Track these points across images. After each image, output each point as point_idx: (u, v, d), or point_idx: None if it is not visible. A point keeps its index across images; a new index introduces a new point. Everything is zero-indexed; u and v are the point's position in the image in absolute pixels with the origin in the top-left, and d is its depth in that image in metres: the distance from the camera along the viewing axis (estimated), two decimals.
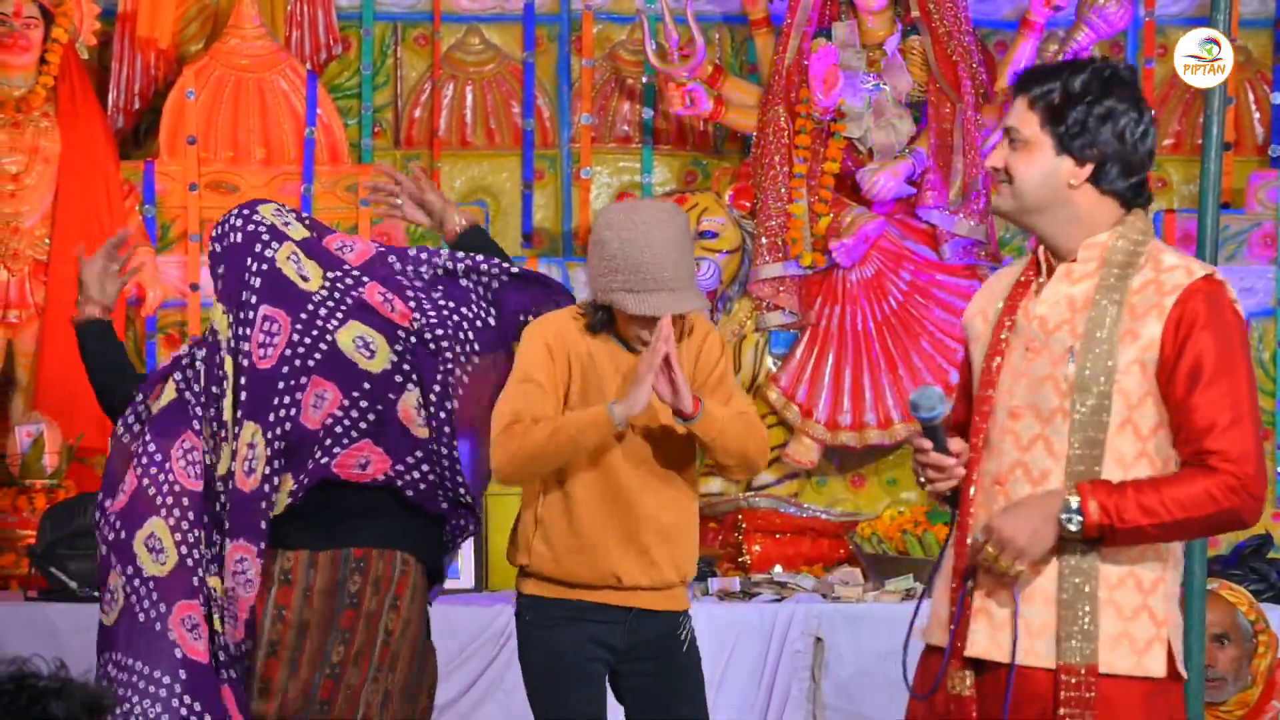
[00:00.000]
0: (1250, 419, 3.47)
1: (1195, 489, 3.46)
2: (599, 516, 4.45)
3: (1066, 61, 3.67)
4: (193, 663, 4.29)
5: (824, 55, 6.76)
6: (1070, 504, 3.48)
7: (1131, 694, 3.52)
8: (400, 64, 7.41)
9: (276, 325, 4.36)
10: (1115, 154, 3.56)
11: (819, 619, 6.10)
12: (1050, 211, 3.60)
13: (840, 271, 6.85)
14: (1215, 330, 3.49)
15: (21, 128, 6.71)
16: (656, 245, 4.36)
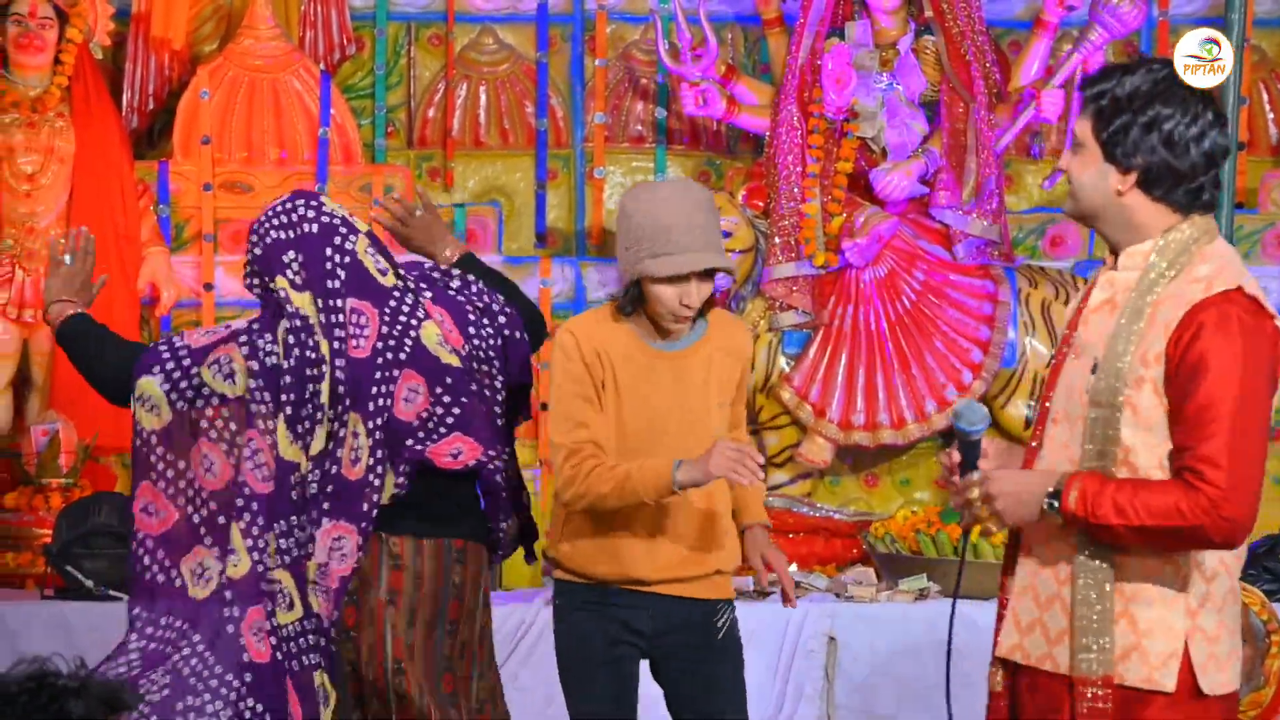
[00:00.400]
0: (1242, 440, 3.40)
1: (1167, 500, 3.42)
2: (625, 514, 4.46)
3: (1124, 64, 3.57)
4: (257, 665, 4.31)
5: (837, 55, 6.77)
6: (1055, 487, 3.49)
7: (1143, 707, 3.51)
8: (414, 64, 7.43)
9: (365, 318, 4.39)
10: (1162, 162, 3.49)
11: (832, 618, 6.10)
12: (1105, 217, 3.57)
13: (853, 271, 6.84)
14: (1217, 349, 3.42)
15: (37, 128, 6.72)
16: (678, 210, 4.40)
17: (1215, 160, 3.53)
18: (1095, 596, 3.52)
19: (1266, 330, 3.46)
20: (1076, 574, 3.54)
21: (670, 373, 4.49)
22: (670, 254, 4.36)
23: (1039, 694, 3.60)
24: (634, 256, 4.40)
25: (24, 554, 6.34)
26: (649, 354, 4.49)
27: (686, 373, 4.50)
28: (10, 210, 6.66)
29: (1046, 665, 3.57)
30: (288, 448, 4.35)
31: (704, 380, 4.51)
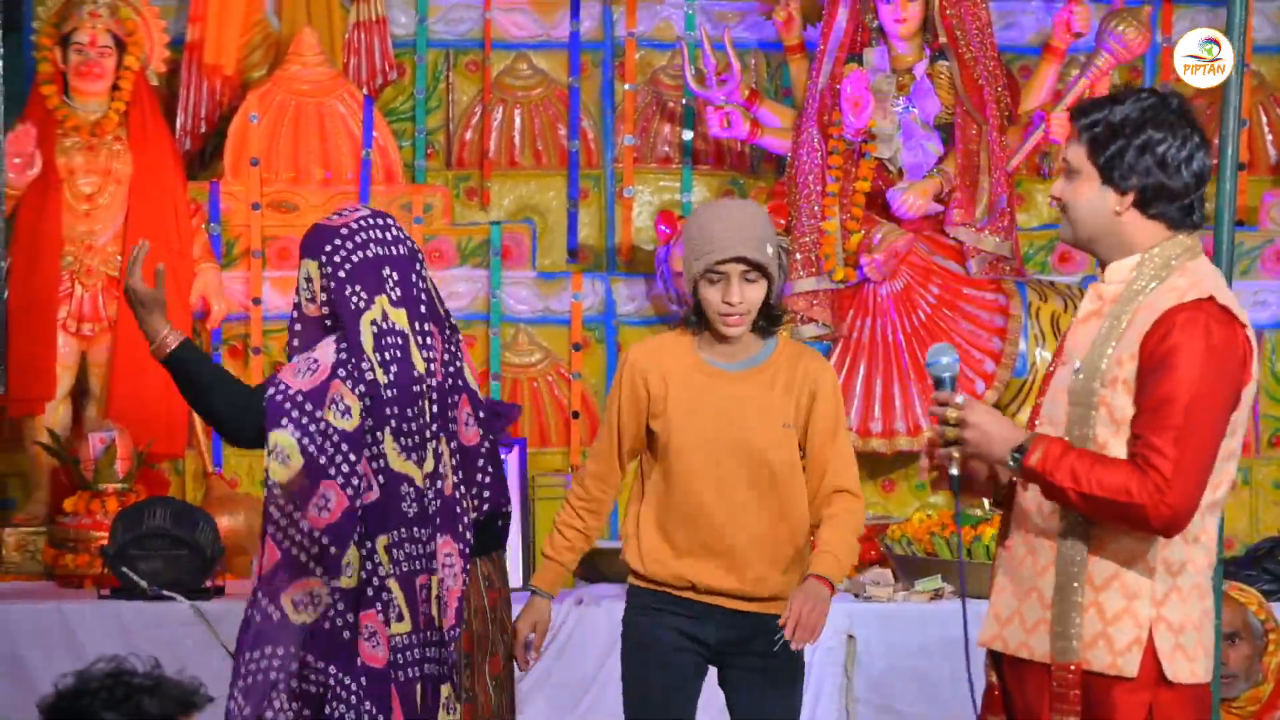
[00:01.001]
0: (1193, 435, 3.46)
1: (1118, 477, 3.48)
2: (685, 530, 4.53)
3: (1114, 94, 3.66)
4: (371, 669, 4.30)
5: (855, 80, 6.81)
6: (1022, 442, 3.55)
7: (1108, 691, 3.58)
8: (452, 89, 7.44)
9: (435, 342, 4.41)
10: (1156, 182, 3.57)
11: (851, 617, 6.14)
12: (1102, 238, 3.64)
13: (871, 286, 6.87)
14: (1182, 348, 3.49)
15: (95, 150, 6.75)
16: (722, 215, 4.50)
17: (1203, 180, 3.63)
18: (1069, 588, 3.58)
19: (1234, 337, 3.53)
20: (1052, 567, 3.61)
21: (727, 392, 4.51)
22: (709, 252, 4.44)
23: (1025, 683, 3.68)
24: (687, 266, 4.51)
25: (82, 556, 6.38)
26: (707, 372, 4.53)
27: (744, 393, 4.51)
28: (70, 229, 6.68)
29: (1024, 654, 3.65)
30: (396, 459, 4.31)
31: (762, 403, 4.51)
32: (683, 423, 4.52)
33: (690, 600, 4.57)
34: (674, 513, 4.56)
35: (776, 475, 4.51)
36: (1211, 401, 3.51)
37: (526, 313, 7.17)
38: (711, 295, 4.47)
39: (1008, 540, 3.75)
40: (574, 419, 7.11)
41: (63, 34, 6.82)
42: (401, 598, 4.33)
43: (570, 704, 6.14)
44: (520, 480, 6.57)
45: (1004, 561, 3.74)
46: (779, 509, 4.52)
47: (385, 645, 4.31)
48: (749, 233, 4.46)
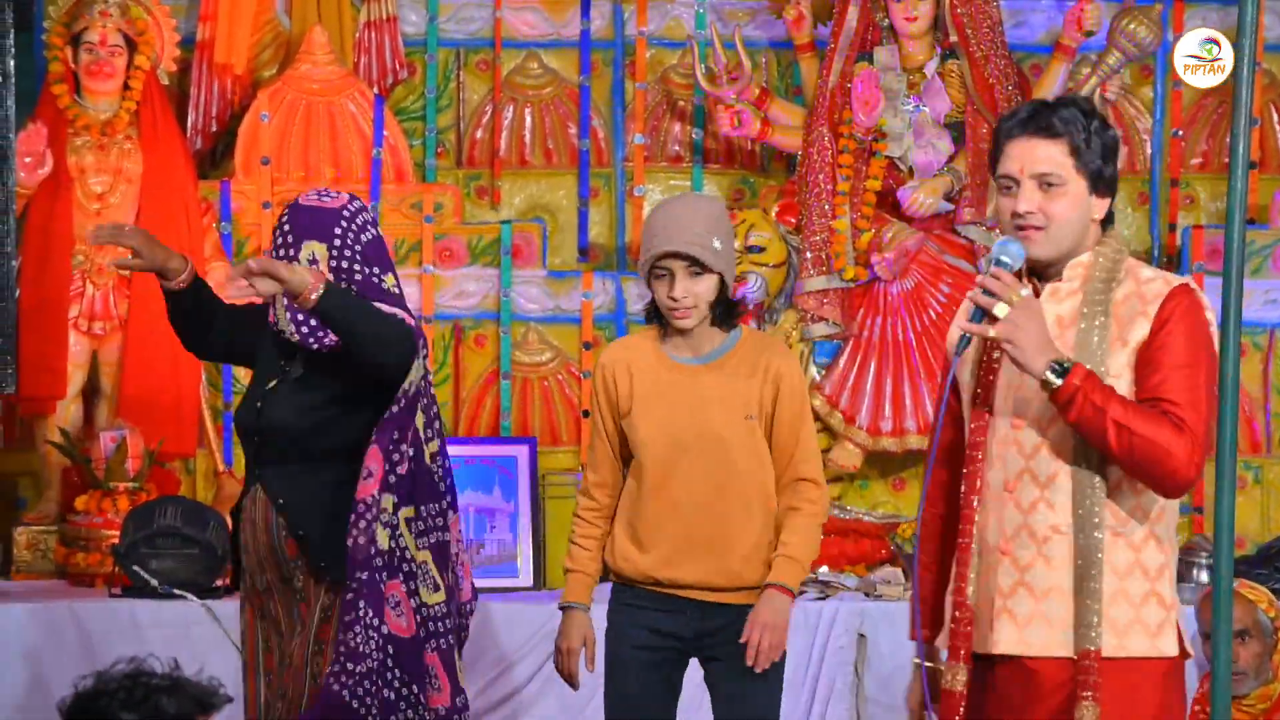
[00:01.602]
0: (1206, 405, 3.55)
1: (1164, 429, 3.53)
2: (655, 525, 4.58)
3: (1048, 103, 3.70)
4: (397, 638, 4.35)
5: (866, 78, 6.82)
6: (1065, 363, 3.54)
7: (1149, 674, 3.63)
8: (463, 88, 7.45)
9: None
10: (1115, 176, 3.71)
11: (862, 616, 6.17)
12: (1073, 247, 3.69)
13: (881, 284, 6.88)
14: (1187, 326, 3.58)
15: (106, 150, 6.76)
16: (665, 212, 4.57)
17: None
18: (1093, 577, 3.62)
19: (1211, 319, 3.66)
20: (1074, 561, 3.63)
21: (690, 386, 4.57)
22: (649, 248, 4.52)
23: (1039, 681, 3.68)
24: (640, 262, 4.60)
25: (93, 554, 6.40)
26: (670, 366, 4.60)
27: (706, 386, 4.56)
28: (81, 228, 6.65)
29: (1048, 652, 3.66)
30: (421, 435, 4.44)
31: (725, 395, 4.55)
32: (646, 417, 4.59)
33: (664, 595, 4.61)
34: (644, 508, 4.61)
35: (740, 467, 4.56)
36: (1210, 378, 3.58)
37: (537, 312, 7.18)
38: (659, 290, 4.55)
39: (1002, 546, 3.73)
40: (584, 418, 7.13)
41: (73, 33, 6.84)
42: (434, 567, 4.43)
43: (579, 704, 6.13)
44: (531, 479, 6.59)
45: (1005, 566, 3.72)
46: (745, 500, 4.57)
47: (411, 615, 4.38)
48: (691, 228, 4.50)
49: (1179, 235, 7.32)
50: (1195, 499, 7.03)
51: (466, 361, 7.16)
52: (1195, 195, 7.48)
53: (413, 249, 7.13)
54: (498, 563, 6.53)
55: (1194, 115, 7.46)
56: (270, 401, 4.48)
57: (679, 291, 4.50)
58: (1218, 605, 4.13)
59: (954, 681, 3.73)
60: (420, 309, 7.10)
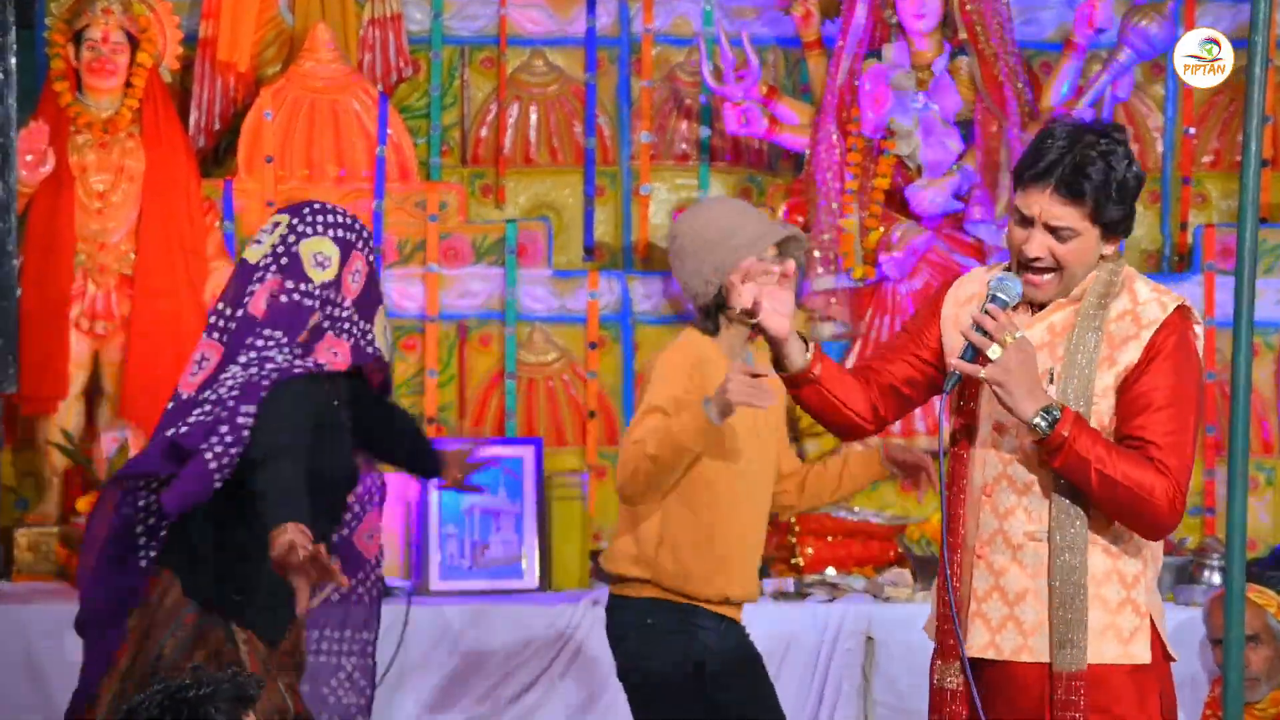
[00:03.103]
0: (1190, 446, 3.61)
1: (1146, 474, 3.58)
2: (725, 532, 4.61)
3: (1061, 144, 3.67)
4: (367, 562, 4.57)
5: (875, 76, 6.83)
6: (1053, 410, 3.57)
7: (1119, 677, 3.66)
8: (467, 85, 7.44)
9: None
10: (1129, 214, 3.73)
11: (870, 618, 6.18)
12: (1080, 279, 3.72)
13: (890, 284, 6.89)
14: (1176, 363, 3.60)
15: (108, 148, 6.76)
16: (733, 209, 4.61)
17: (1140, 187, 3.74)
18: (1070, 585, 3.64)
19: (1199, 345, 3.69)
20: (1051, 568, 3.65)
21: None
22: (741, 245, 4.51)
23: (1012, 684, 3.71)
24: (712, 262, 4.55)
25: None
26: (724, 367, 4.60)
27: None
28: (83, 227, 6.69)
29: (1023, 656, 3.69)
30: None
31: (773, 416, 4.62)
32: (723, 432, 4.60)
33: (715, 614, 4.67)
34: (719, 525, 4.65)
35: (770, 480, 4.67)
36: (1196, 408, 3.63)
37: (542, 311, 7.17)
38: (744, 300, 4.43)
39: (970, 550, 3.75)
40: (590, 418, 7.12)
41: (75, 30, 6.82)
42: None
43: (586, 705, 6.16)
44: (536, 480, 6.59)
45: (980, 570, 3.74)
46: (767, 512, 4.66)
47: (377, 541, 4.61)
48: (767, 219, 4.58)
49: (1190, 234, 7.30)
50: (1207, 500, 7.03)
51: (471, 361, 7.15)
52: (1207, 193, 7.46)
53: (417, 248, 7.13)
54: (503, 564, 6.52)
55: (1205, 113, 7.45)
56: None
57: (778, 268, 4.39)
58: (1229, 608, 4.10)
59: (952, 681, 3.77)
60: (425, 308, 7.10)
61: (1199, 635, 5.89)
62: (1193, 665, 5.98)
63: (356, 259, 4.36)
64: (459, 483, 4.77)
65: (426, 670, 6.14)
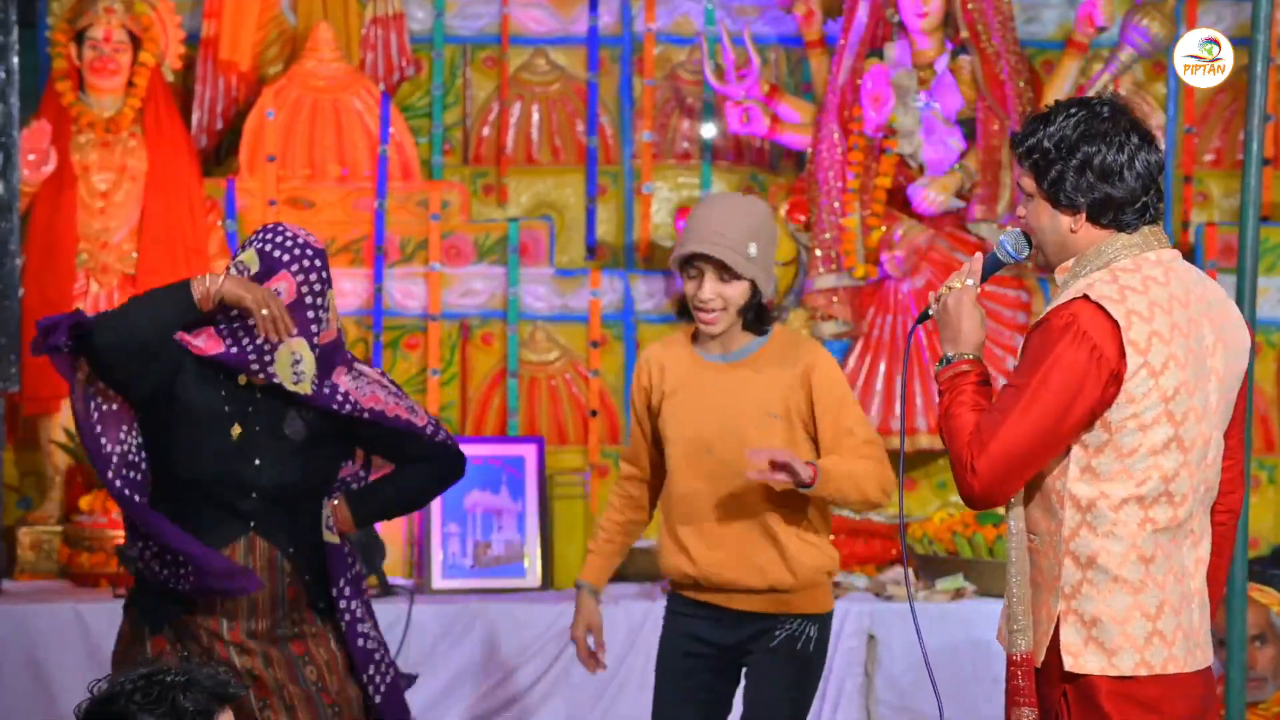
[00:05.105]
0: (1016, 422, 3.54)
1: (965, 432, 3.58)
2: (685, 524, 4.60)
3: (1044, 113, 3.69)
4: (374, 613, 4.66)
5: (876, 75, 6.83)
6: (955, 358, 3.68)
7: (1041, 681, 3.65)
8: (469, 84, 7.45)
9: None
10: (1102, 196, 3.63)
11: (872, 617, 6.19)
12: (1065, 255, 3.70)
13: (891, 282, 6.90)
14: (1034, 347, 3.59)
15: (110, 147, 6.77)
16: (714, 207, 4.56)
17: (1151, 179, 3.66)
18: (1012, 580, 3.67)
19: (1091, 335, 3.57)
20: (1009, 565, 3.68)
21: (718, 384, 4.57)
22: (682, 244, 4.51)
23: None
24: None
25: (98, 554, 6.42)
26: (699, 365, 4.61)
27: (731, 385, 4.56)
28: (85, 226, 6.70)
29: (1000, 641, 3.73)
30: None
31: (748, 392, 4.55)
32: (673, 415, 4.61)
33: (701, 602, 4.64)
34: (676, 507, 4.63)
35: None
36: (1040, 389, 3.56)
37: (544, 310, 7.18)
38: (688, 288, 4.56)
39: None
40: (592, 417, 7.13)
41: (77, 30, 6.83)
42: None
43: (589, 704, 6.16)
44: (538, 479, 6.59)
45: None
46: (767, 498, 4.55)
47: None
48: (727, 231, 4.49)
49: (1192, 233, 7.31)
50: None
51: (473, 360, 7.15)
52: (1209, 192, 7.46)
53: (419, 247, 7.13)
54: (505, 563, 6.53)
55: (1207, 111, 7.45)
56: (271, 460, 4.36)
57: (706, 293, 4.51)
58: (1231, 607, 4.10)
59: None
60: (427, 307, 7.11)
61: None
62: None
63: (280, 279, 4.30)
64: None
65: (428, 669, 6.13)
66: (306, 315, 4.31)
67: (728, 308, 4.52)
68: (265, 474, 4.33)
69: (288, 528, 4.36)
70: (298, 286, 4.30)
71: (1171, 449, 3.60)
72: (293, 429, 4.37)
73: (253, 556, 4.35)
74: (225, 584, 4.28)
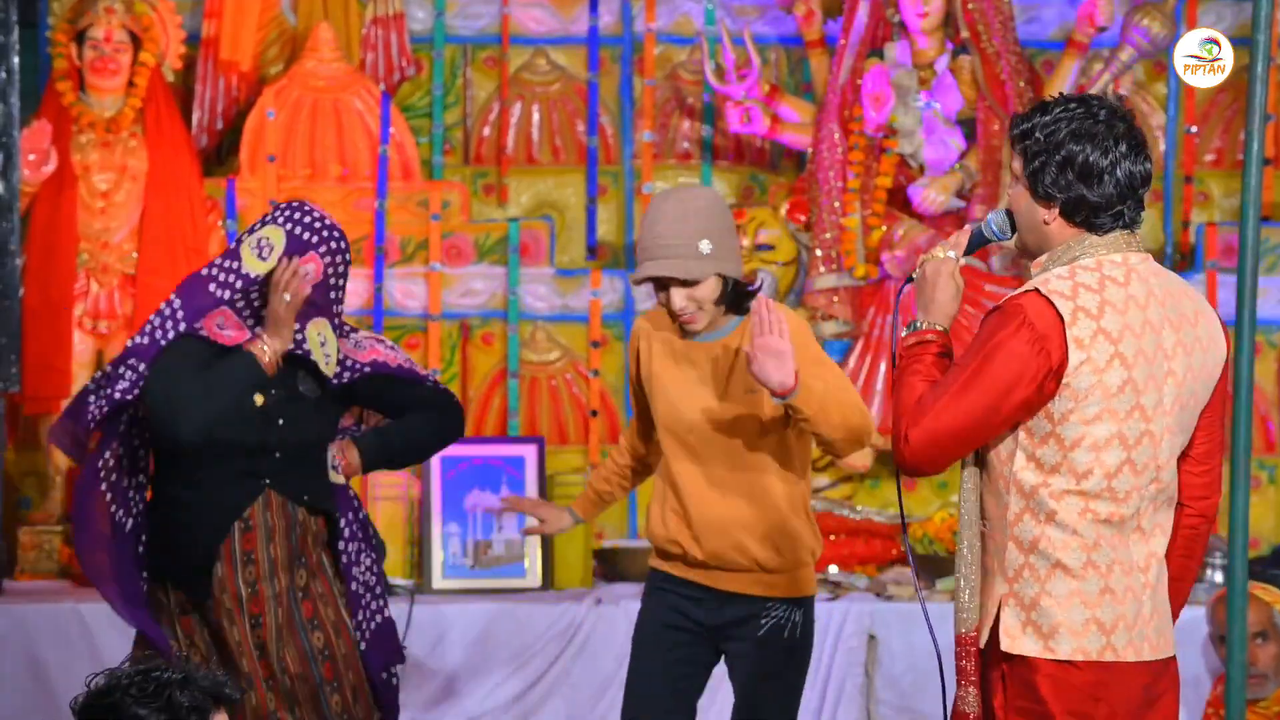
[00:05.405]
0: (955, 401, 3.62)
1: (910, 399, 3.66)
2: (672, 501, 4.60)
3: (1044, 103, 3.75)
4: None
5: (876, 74, 6.83)
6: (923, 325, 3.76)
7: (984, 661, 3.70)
8: (470, 84, 7.45)
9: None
10: (1078, 195, 3.66)
11: (872, 617, 6.19)
12: (1037, 245, 3.74)
13: (892, 282, 6.88)
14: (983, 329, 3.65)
15: (111, 147, 6.77)
16: (654, 217, 4.51)
17: (1130, 187, 3.69)
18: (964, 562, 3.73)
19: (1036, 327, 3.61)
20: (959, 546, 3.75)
21: (693, 362, 4.57)
22: (643, 261, 4.51)
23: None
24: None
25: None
26: (680, 345, 4.61)
27: (709, 363, 4.56)
28: (86, 226, 6.71)
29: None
30: None
31: (726, 371, 4.54)
32: (657, 394, 4.63)
33: (682, 579, 4.63)
34: (669, 484, 4.64)
35: (744, 443, 4.55)
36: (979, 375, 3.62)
37: (545, 310, 7.18)
38: (660, 299, 4.56)
39: None
40: (593, 417, 7.13)
41: (78, 30, 6.84)
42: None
43: (589, 704, 6.16)
44: (539, 479, 6.59)
45: None
46: (751, 477, 4.56)
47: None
48: (676, 239, 4.47)
49: (1193, 233, 7.31)
50: None
51: (474, 360, 7.16)
52: (1209, 192, 7.46)
53: (419, 247, 7.14)
54: (505, 563, 6.53)
55: (1208, 111, 7.45)
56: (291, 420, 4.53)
57: (677, 303, 4.51)
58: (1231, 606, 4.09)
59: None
60: (427, 307, 7.11)
61: (1201, 633, 5.89)
62: (1195, 664, 5.99)
63: (309, 260, 4.42)
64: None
65: (429, 669, 6.14)
66: (330, 296, 4.47)
67: (703, 306, 4.51)
68: (289, 433, 4.50)
69: (300, 478, 4.51)
70: (325, 268, 4.42)
71: (1114, 445, 3.63)
72: (306, 387, 4.55)
73: (270, 512, 4.49)
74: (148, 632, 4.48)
